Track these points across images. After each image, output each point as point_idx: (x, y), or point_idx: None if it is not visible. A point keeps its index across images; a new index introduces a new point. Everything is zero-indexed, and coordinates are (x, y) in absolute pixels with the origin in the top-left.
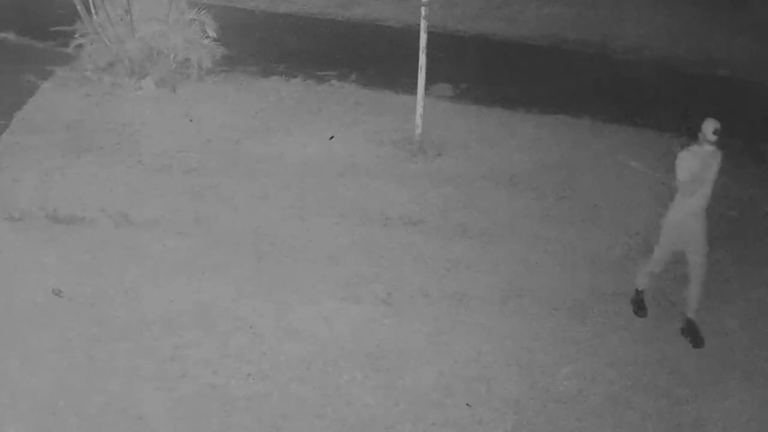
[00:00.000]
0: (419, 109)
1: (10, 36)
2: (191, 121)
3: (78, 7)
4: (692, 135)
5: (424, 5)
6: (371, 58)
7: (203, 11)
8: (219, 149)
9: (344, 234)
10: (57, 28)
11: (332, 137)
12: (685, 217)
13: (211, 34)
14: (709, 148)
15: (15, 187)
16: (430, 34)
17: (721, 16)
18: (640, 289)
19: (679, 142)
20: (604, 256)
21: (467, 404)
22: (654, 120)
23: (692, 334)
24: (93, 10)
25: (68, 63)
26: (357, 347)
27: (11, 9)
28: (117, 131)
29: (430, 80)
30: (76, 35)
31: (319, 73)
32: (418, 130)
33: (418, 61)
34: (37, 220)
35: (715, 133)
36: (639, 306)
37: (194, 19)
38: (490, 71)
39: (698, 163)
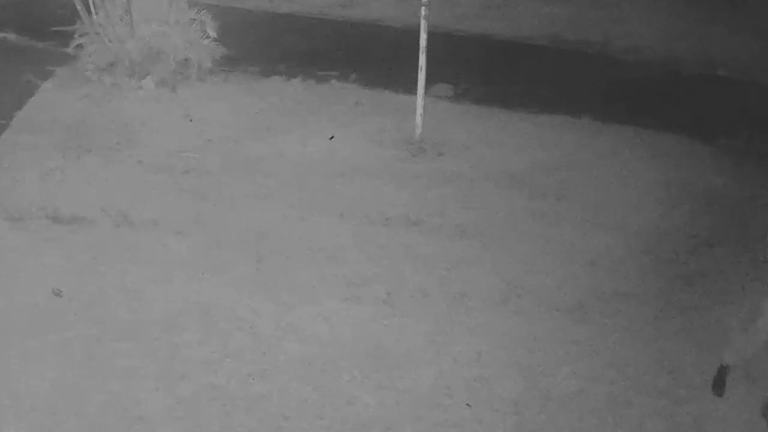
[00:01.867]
0: (419, 109)
1: (10, 36)
2: (191, 121)
3: (78, 7)
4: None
5: (424, 5)
6: (371, 58)
7: (203, 11)
8: (219, 149)
9: (344, 234)
10: (57, 28)
11: (332, 137)
12: None
13: (211, 34)
14: None
15: (15, 187)
16: (430, 34)
17: (722, 16)
18: (725, 365)
19: None
20: (604, 256)
21: (467, 404)
22: (654, 120)
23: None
24: (93, 10)
25: (68, 63)
26: (357, 347)
27: (11, 9)
28: (117, 131)
29: (430, 80)
30: (76, 35)
31: (319, 73)
32: (419, 130)
33: (418, 61)
34: (37, 220)
35: None
36: (719, 385)
37: (194, 19)
38: (490, 71)
39: None
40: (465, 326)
